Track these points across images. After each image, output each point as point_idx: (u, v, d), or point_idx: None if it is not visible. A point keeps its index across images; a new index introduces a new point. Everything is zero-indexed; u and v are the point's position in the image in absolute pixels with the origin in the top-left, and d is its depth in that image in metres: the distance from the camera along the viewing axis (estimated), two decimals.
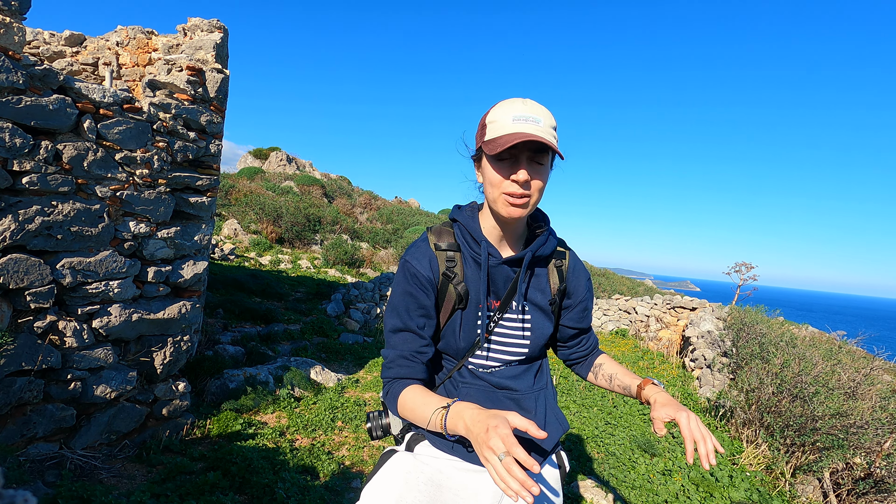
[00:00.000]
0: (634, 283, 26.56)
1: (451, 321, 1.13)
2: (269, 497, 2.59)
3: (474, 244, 1.12)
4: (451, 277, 1.11)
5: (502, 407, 1.13)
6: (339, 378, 4.85)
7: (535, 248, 1.12)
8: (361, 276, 11.60)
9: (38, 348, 2.40)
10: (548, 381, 1.25)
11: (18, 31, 2.24)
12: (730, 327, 7.42)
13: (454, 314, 1.13)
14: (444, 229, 1.17)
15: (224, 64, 3.61)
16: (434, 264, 1.12)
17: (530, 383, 1.19)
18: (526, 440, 1.14)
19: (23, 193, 2.33)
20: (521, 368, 1.18)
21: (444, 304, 1.13)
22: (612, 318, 12.41)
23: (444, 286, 1.12)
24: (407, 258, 1.13)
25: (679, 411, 1.01)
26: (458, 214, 1.17)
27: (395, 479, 1.06)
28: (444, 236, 1.15)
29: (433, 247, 1.14)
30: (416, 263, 1.11)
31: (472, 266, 1.13)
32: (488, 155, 1.01)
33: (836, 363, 4.75)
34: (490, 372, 1.16)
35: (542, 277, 1.18)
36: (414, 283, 1.10)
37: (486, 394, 1.15)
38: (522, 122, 0.98)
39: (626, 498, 3.34)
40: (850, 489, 3.97)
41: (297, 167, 21.48)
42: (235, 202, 13.21)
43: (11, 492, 0.37)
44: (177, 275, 3.11)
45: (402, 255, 1.15)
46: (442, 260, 1.12)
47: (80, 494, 2.16)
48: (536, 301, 1.16)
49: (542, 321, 1.17)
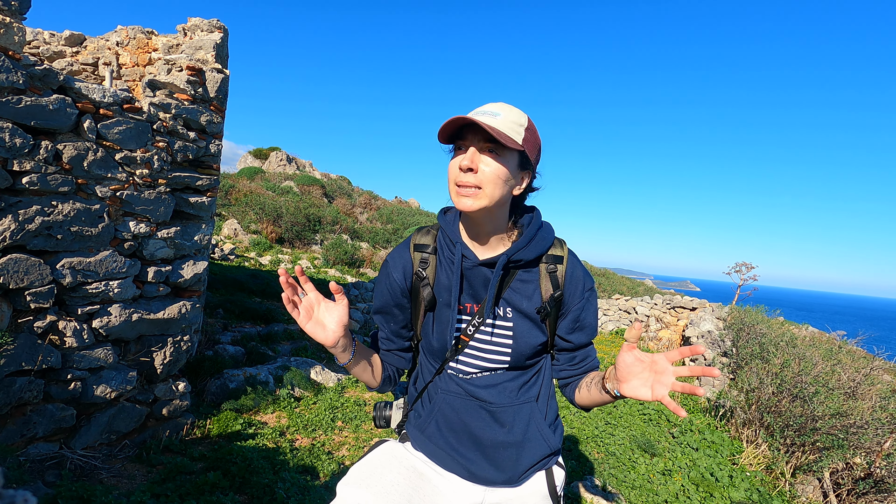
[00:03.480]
0: (634, 283, 26.57)
1: (425, 322, 1.15)
2: (269, 497, 2.59)
3: (451, 245, 1.10)
4: (422, 279, 1.12)
5: (476, 417, 1.11)
6: (339, 378, 4.85)
7: (513, 250, 1.05)
8: (361, 276, 11.61)
9: (38, 348, 2.40)
10: (539, 394, 1.15)
11: (18, 31, 2.24)
12: (730, 327, 7.42)
13: (427, 315, 1.15)
14: (430, 230, 1.18)
15: (224, 64, 3.61)
16: (408, 267, 1.15)
17: (513, 395, 1.12)
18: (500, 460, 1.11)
19: (23, 193, 2.33)
20: (506, 377, 1.12)
21: (419, 304, 1.14)
22: (611, 318, 12.41)
23: (416, 287, 1.14)
24: (387, 259, 1.19)
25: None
26: (441, 217, 1.16)
27: (381, 460, 1.11)
28: (426, 237, 1.17)
29: (412, 247, 1.16)
30: (392, 265, 1.16)
31: (448, 268, 1.12)
32: (444, 147, 1.05)
33: (836, 363, 4.75)
34: (469, 378, 1.12)
35: (531, 283, 1.10)
36: (386, 283, 1.17)
37: (461, 402, 1.12)
38: (476, 114, 0.98)
39: (627, 498, 3.34)
40: (850, 489, 3.97)
41: (297, 167, 21.47)
42: (235, 202, 13.21)
43: (11, 492, 0.37)
44: (177, 275, 3.11)
45: (387, 255, 1.20)
46: (416, 261, 1.14)
47: (80, 494, 2.16)
48: (521, 307, 1.09)
49: (529, 329, 1.10)
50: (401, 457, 1.13)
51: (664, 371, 0.90)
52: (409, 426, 1.22)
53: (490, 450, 1.11)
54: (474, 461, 1.11)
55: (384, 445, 1.16)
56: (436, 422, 1.15)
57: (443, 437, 1.14)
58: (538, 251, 1.08)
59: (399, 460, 1.12)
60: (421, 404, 1.21)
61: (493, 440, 1.11)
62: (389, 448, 1.15)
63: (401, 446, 1.17)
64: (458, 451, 1.12)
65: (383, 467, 1.08)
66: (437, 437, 1.14)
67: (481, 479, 1.12)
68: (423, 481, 1.11)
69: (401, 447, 1.17)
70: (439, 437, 1.14)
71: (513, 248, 1.06)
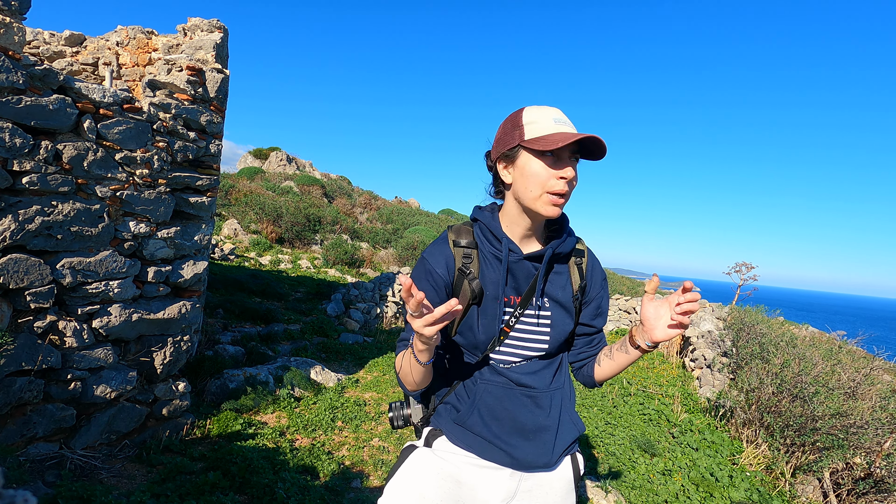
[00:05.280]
0: (635, 283, 26.56)
1: (468, 316, 1.16)
2: (269, 497, 2.59)
3: (495, 241, 1.15)
4: (467, 273, 1.14)
5: (519, 404, 1.16)
6: (339, 378, 4.85)
7: (556, 244, 1.15)
8: (361, 276, 11.61)
9: (38, 348, 2.40)
10: (566, 380, 1.25)
11: (18, 31, 2.24)
12: (730, 327, 7.42)
13: (469, 309, 1.15)
14: (463, 228, 1.21)
15: (224, 64, 3.62)
16: (451, 262, 1.16)
17: (548, 381, 1.20)
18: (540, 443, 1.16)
19: (23, 193, 2.33)
20: (541, 364, 1.19)
21: (460, 299, 1.14)
22: (612, 318, 12.42)
23: (459, 282, 1.15)
24: (425, 255, 1.18)
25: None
26: (479, 214, 1.20)
27: (416, 475, 1.12)
28: (463, 234, 1.19)
29: (451, 244, 1.18)
30: (433, 261, 1.16)
31: (492, 263, 1.15)
32: (535, 152, 1.05)
33: (836, 363, 4.75)
34: (510, 367, 1.17)
35: (564, 274, 1.20)
36: (428, 279, 1.15)
37: (504, 391, 1.17)
38: (563, 125, 1.05)
39: (627, 498, 3.34)
40: (850, 489, 3.97)
41: (297, 167, 21.47)
42: (235, 202, 13.21)
43: (11, 492, 0.37)
44: (177, 275, 3.11)
45: (423, 252, 1.20)
46: (458, 257, 1.16)
47: (80, 494, 2.16)
48: (558, 297, 1.18)
49: (563, 317, 1.19)
50: (436, 466, 1.14)
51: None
52: (441, 421, 1.22)
53: (532, 433, 1.16)
54: (517, 446, 1.15)
55: (416, 457, 1.16)
56: (478, 412, 1.16)
57: (486, 427, 1.16)
58: (572, 245, 1.19)
59: (435, 470, 1.13)
60: (456, 397, 1.21)
61: (535, 424, 1.16)
62: (422, 460, 1.15)
63: (431, 453, 1.17)
64: (501, 437, 1.15)
65: (423, 485, 1.09)
66: (479, 426, 1.16)
67: (523, 463, 1.16)
68: (461, 489, 1.13)
69: (431, 454, 1.16)
70: (482, 426, 1.16)
71: (555, 242, 1.15)
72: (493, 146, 1.18)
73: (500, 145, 1.12)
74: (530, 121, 1.06)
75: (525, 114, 1.08)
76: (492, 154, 1.18)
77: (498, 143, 1.14)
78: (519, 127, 1.07)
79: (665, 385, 6.77)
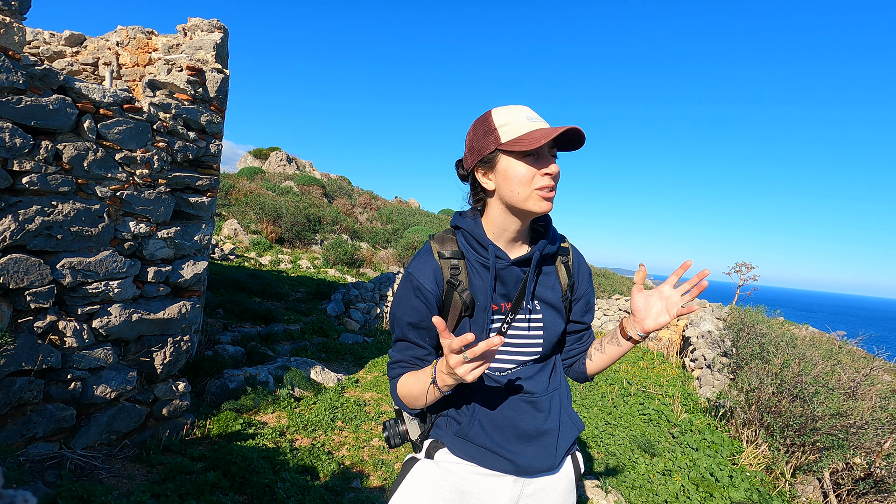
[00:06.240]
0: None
1: (459, 328, 1.13)
2: (269, 497, 2.59)
3: (481, 249, 1.12)
4: (456, 285, 1.11)
5: (519, 411, 1.15)
6: (339, 378, 4.85)
7: (542, 246, 1.13)
8: (361, 276, 11.61)
9: (38, 348, 2.40)
10: (561, 380, 1.24)
11: (18, 31, 2.24)
12: (730, 327, 7.42)
13: (461, 321, 1.13)
14: (446, 237, 1.16)
15: (224, 64, 3.62)
16: (439, 275, 1.12)
17: (545, 384, 1.19)
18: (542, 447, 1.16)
19: (23, 193, 2.33)
20: (536, 368, 1.18)
21: (451, 312, 1.12)
22: (612, 318, 12.42)
23: (449, 294, 1.12)
24: (411, 270, 1.13)
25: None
26: (461, 221, 1.16)
27: (420, 488, 1.10)
28: (447, 244, 1.15)
29: (437, 255, 1.13)
30: (420, 276, 1.11)
31: (479, 271, 1.12)
32: (516, 153, 1.03)
33: (836, 363, 4.75)
34: (505, 374, 1.16)
35: (552, 275, 1.19)
36: (417, 296, 1.11)
37: (502, 399, 1.16)
38: (537, 122, 1.04)
39: (627, 498, 3.34)
40: (850, 489, 3.97)
41: (297, 167, 21.48)
42: (235, 202, 13.22)
43: (11, 492, 0.37)
44: (177, 275, 3.11)
45: (406, 267, 1.16)
46: (446, 268, 1.12)
47: (80, 494, 2.16)
48: (547, 299, 1.17)
49: (554, 318, 1.18)
50: (440, 478, 1.12)
51: (671, 295, 1.08)
52: (442, 434, 1.20)
53: (534, 439, 1.15)
54: (520, 453, 1.14)
55: (419, 470, 1.14)
56: (479, 422, 1.15)
57: (488, 437, 1.14)
58: (558, 244, 1.19)
59: (439, 483, 1.11)
60: (455, 410, 1.19)
61: (536, 429, 1.15)
62: (425, 472, 1.13)
63: (434, 465, 1.15)
64: (504, 446, 1.14)
65: (427, 498, 1.08)
66: (481, 437, 1.14)
67: (526, 470, 1.14)
68: (465, 499, 1.12)
69: (435, 467, 1.14)
70: (484, 436, 1.14)
71: (541, 244, 1.13)
72: (465, 155, 1.13)
73: (475, 153, 1.08)
74: (503, 123, 1.03)
75: (495, 116, 1.05)
76: (465, 162, 1.13)
77: (471, 151, 1.09)
78: (493, 131, 1.04)
79: (665, 385, 6.77)
